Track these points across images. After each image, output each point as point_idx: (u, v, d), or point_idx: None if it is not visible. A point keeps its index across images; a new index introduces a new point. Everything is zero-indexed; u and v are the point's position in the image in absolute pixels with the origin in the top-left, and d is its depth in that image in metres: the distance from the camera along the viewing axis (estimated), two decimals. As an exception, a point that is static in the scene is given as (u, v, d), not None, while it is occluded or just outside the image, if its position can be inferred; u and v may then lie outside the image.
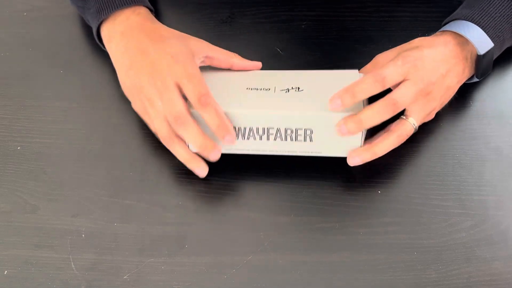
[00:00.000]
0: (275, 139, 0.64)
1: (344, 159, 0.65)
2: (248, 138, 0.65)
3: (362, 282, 0.60)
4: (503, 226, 0.64)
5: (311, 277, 0.61)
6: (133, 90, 0.66)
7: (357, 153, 0.64)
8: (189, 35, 0.69)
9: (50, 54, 0.77)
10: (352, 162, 0.64)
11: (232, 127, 0.63)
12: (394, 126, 0.64)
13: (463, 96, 0.72)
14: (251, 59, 0.75)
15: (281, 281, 0.61)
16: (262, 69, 0.74)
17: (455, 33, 0.67)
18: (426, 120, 0.67)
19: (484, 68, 0.68)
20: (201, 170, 0.65)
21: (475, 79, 0.70)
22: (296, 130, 0.63)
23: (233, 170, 0.67)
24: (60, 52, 0.77)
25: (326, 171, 0.67)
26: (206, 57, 0.67)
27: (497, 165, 0.67)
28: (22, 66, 0.76)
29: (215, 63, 0.68)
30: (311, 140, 0.64)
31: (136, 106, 0.67)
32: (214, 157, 0.64)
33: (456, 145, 0.69)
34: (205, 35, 0.77)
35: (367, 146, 0.64)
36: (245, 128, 0.64)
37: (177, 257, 0.62)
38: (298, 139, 0.64)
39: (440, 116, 0.69)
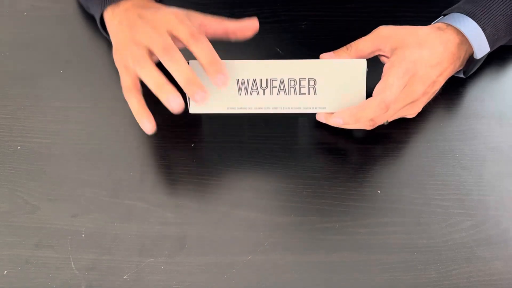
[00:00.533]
0: (278, 93, 0.64)
1: (345, 160, 0.65)
2: (251, 93, 0.64)
3: (362, 282, 0.60)
4: (503, 226, 0.64)
5: (311, 277, 0.61)
6: (122, 43, 0.64)
7: (325, 116, 0.66)
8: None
9: (50, 54, 0.77)
10: (320, 118, 0.67)
11: (225, 68, 0.61)
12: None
13: (463, 96, 0.72)
14: (251, 59, 0.75)
15: (281, 281, 0.61)
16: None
17: (457, 30, 0.67)
18: (404, 116, 0.69)
19: (474, 68, 0.70)
20: (148, 124, 0.62)
21: (461, 75, 0.71)
22: (300, 81, 0.64)
23: (233, 170, 0.67)
24: (60, 52, 0.77)
25: (326, 171, 0.67)
26: (200, 25, 0.66)
27: (497, 165, 0.67)
28: (22, 66, 0.76)
29: (209, 32, 0.66)
30: (315, 93, 0.64)
31: (121, 61, 0.65)
32: (200, 97, 0.60)
33: (456, 145, 0.69)
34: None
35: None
36: (248, 80, 0.64)
37: (177, 257, 0.62)
38: (301, 91, 0.64)
39: (440, 116, 0.69)
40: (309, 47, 0.76)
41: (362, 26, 0.77)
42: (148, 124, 0.62)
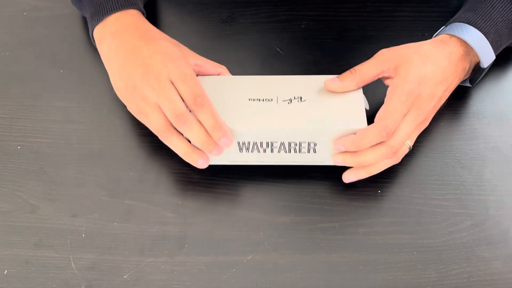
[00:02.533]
0: (279, 151, 0.65)
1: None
2: (252, 151, 0.65)
3: (362, 282, 0.60)
4: (503, 226, 0.64)
5: (311, 277, 0.61)
6: (126, 91, 0.65)
7: (353, 171, 0.64)
8: (178, 43, 0.68)
9: (50, 54, 0.77)
10: (348, 179, 0.65)
11: (229, 129, 0.62)
12: None
13: (463, 96, 0.72)
14: (251, 59, 0.75)
15: (281, 281, 0.61)
16: (262, 69, 0.75)
17: (461, 40, 0.66)
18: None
19: (480, 77, 0.69)
20: (204, 161, 0.64)
21: (467, 84, 0.70)
22: (300, 143, 0.64)
23: (233, 170, 0.67)
24: (60, 52, 0.77)
25: (326, 171, 0.67)
26: (196, 64, 0.67)
27: (497, 165, 0.67)
28: (22, 66, 0.76)
29: (204, 72, 0.67)
30: (314, 152, 0.65)
31: (131, 107, 0.66)
32: (218, 152, 0.63)
33: (456, 145, 0.69)
34: (205, 35, 0.78)
35: (363, 166, 0.64)
36: (249, 143, 0.64)
37: (177, 257, 0.62)
38: (302, 151, 0.65)
39: (440, 116, 0.69)
40: (309, 47, 0.76)
41: (362, 26, 0.77)
42: (205, 161, 0.64)
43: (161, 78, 0.62)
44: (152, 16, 0.79)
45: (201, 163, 0.64)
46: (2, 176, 0.68)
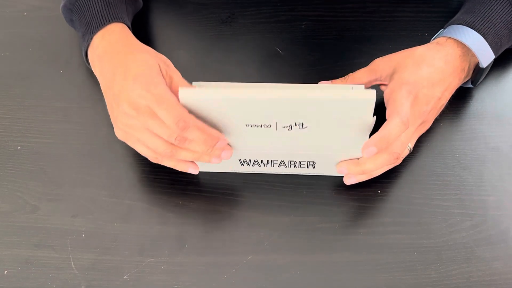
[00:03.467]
0: (279, 166, 0.65)
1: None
2: (253, 165, 0.66)
3: (362, 282, 0.60)
4: (503, 226, 0.64)
5: (311, 277, 0.61)
6: (112, 117, 0.64)
7: (354, 174, 0.64)
8: (157, 53, 0.65)
9: (50, 54, 0.77)
10: (349, 182, 0.65)
11: (221, 134, 0.61)
12: None
13: (463, 96, 0.72)
14: (251, 60, 0.75)
15: (281, 281, 0.61)
16: (262, 69, 0.75)
17: (458, 41, 0.66)
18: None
19: (482, 77, 0.69)
20: (194, 170, 0.64)
21: (469, 85, 0.70)
22: (300, 162, 0.65)
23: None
24: (60, 52, 0.77)
25: (326, 171, 0.67)
26: (168, 74, 0.63)
27: (497, 165, 0.67)
28: (22, 66, 0.76)
29: (173, 85, 0.63)
30: (313, 167, 0.65)
31: (119, 134, 0.64)
32: (227, 155, 0.62)
33: (456, 145, 0.69)
34: (205, 35, 0.78)
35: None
36: (250, 160, 0.65)
37: (177, 257, 0.62)
38: (301, 167, 0.65)
39: (441, 116, 0.69)
40: (309, 47, 0.76)
41: (362, 26, 0.77)
42: (194, 170, 0.65)
43: (139, 108, 0.60)
44: (152, 17, 0.79)
45: (224, 155, 0.62)
46: (2, 176, 0.68)
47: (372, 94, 0.56)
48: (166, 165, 0.64)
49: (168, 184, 0.67)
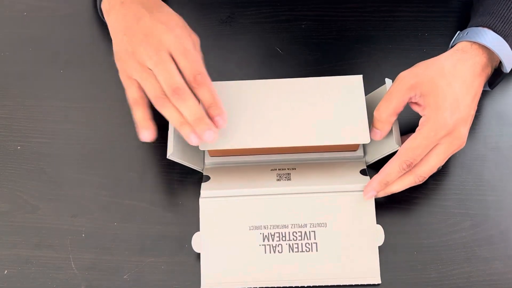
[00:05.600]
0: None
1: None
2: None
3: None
4: (503, 226, 0.64)
5: (311, 277, 0.61)
6: (124, 54, 0.63)
7: (373, 188, 0.63)
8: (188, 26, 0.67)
9: (50, 54, 0.77)
10: (368, 198, 0.63)
11: (225, 111, 0.60)
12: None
13: (463, 96, 0.72)
14: (251, 59, 0.75)
15: None
16: (262, 69, 0.74)
17: (483, 46, 0.63)
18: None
19: (501, 80, 0.67)
20: (195, 137, 0.59)
21: (487, 88, 0.69)
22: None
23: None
24: (60, 52, 0.77)
25: (326, 171, 0.67)
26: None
27: (497, 165, 0.67)
28: (22, 66, 0.76)
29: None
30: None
31: (126, 70, 0.63)
32: (210, 136, 0.59)
33: (456, 145, 0.69)
34: (205, 35, 0.77)
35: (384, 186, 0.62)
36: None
37: (177, 257, 0.62)
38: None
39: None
40: (309, 47, 0.76)
41: (362, 26, 0.77)
42: (148, 134, 0.62)
43: (160, 48, 0.61)
44: (152, 16, 0.79)
45: (193, 138, 0.60)
46: (2, 176, 0.68)
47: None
48: (138, 114, 0.62)
49: (168, 184, 0.67)
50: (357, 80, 0.65)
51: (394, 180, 0.61)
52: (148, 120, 0.62)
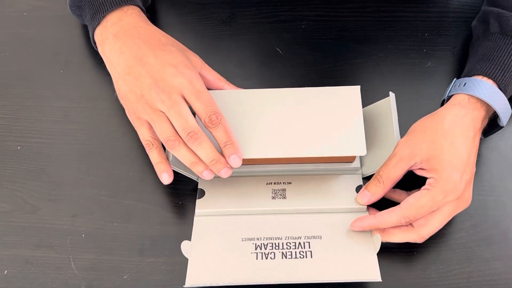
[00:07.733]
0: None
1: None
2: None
3: (362, 282, 0.60)
4: (503, 226, 0.64)
5: (311, 277, 0.61)
6: (132, 96, 0.64)
7: (362, 227, 0.62)
8: (185, 47, 0.67)
9: (50, 54, 0.77)
10: (354, 228, 0.62)
11: (240, 148, 0.61)
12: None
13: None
14: (251, 59, 0.75)
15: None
16: (262, 69, 0.74)
17: (481, 101, 0.62)
18: None
19: (497, 131, 0.67)
20: (209, 173, 0.62)
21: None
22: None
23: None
24: (60, 52, 0.77)
25: (326, 171, 0.67)
26: (199, 73, 0.65)
27: (497, 165, 0.67)
28: (22, 66, 0.76)
29: (204, 82, 0.65)
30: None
31: (135, 112, 0.64)
32: (225, 173, 0.61)
33: (456, 145, 0.69)
34: (205, 35, 0.78)
35: (381, 231, 0.61)
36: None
37: (177, 257, 0.62)
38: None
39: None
40: (309, 47, 0.76)
41: (362, 26, 0.77)
42: (167, 177, 0.63)
43: (173, 92, 0.61)
44: (152, 16, 0.79)
45: (206, 174, 0.62)
46: (2, 176, 0.68)
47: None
48: (154, 156, 0.63)
49: (168, 184, 0.67)
50: (355, 91, 0.65)
51: (387, 226, 0.60)
52: (165, 163, 0.63)
